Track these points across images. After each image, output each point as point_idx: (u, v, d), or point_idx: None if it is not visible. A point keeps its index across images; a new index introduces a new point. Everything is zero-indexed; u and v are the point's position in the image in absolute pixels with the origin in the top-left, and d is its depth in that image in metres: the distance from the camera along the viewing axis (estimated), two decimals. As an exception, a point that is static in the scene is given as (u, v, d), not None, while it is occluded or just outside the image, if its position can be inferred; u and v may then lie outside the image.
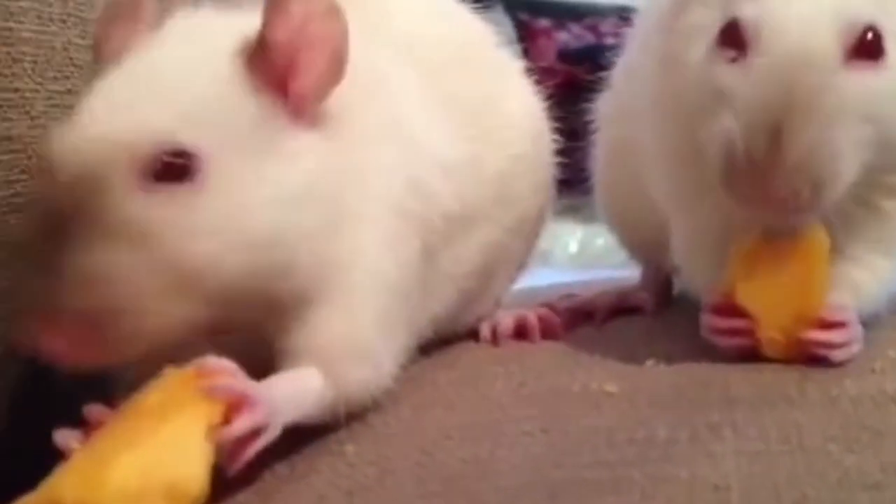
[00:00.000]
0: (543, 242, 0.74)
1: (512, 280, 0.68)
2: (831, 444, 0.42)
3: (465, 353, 0.61)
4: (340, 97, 0.48)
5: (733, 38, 0.49)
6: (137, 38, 0.48)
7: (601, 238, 1.44)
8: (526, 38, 1.91)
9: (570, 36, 1.96)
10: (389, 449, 0.46)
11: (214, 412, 0.40)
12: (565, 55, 1.91)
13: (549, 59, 1.92)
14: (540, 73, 0.68)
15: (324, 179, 0.47)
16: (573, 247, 1.67)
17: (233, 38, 0.46)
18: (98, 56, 0.49)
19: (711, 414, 0.46)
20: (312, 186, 0.46)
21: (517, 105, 0.64)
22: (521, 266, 0.68)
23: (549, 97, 0.68)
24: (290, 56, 0.46)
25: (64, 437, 0.42)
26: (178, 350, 0.43)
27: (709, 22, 0.51)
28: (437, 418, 0.50)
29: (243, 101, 0.45)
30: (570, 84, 0.80)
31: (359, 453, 0.46)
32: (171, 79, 0.45)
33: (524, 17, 1.94)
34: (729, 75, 0.49)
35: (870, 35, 0.48)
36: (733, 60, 0.49)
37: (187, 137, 0.43)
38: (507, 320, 0.65)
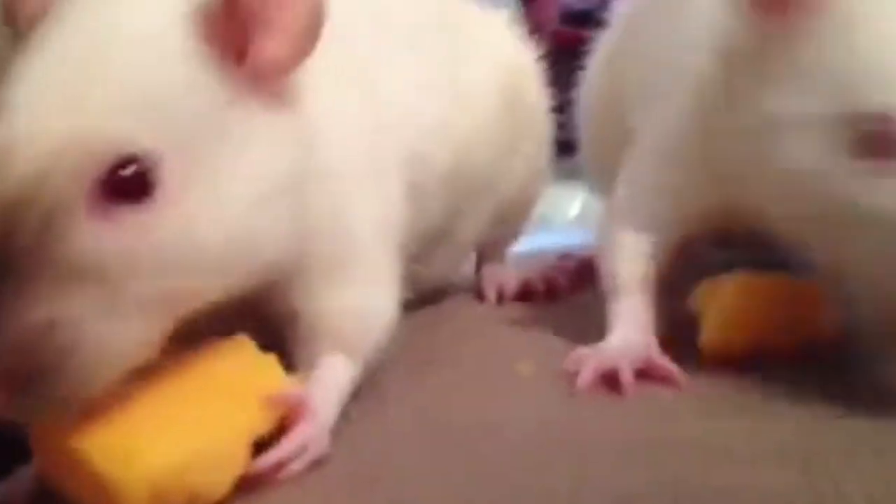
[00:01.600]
0: (543, 207, 0.74)
1: (482, 239, 0.67)
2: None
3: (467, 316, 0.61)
4: None
5: (882, 143, 0.40)
6: None
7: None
8: (527, 1, 1.89)
9: (574, -4, 1.95)
10: (392, 406, 0.46)
11: (267, 418, 0.40)
12: (567, 17, 1.89)
13: (552, 21, 1.90)
14: (542, 36, 0.68)
15: (296, 158, 0.41)
16: (574, 210, 1.66)
17: None
18: (10, 19, 0.40)
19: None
20: (286, 172, 0.40)
21: (486, 77, 0.62)
22: (492, 229, 0.67)
23: (551, 60, 0.67)
24: (257, 17, 0.38)
25: None
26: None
27: (806, 113, 0.42)
28: (439, 375, 0.50)
29: (204, 82, 0.38)
30: (573, 46, 0.79)
31: (362, 411, 0.45)
32: (118, 64, 0.36)
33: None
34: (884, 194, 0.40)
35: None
36: (880, 172, 0.40)
37: (147, 142, 0.36)
38: (511, 282, 0.65)
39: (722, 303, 0.49)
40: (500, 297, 0.65)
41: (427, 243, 0.57)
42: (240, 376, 0.40)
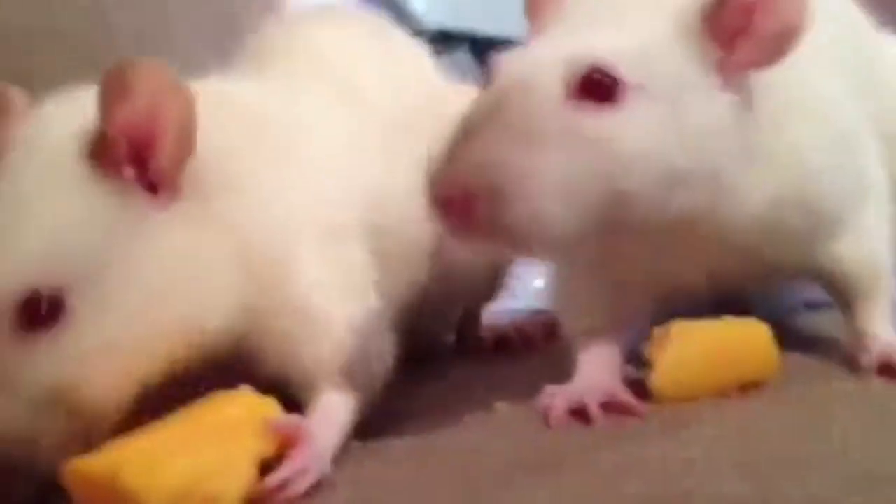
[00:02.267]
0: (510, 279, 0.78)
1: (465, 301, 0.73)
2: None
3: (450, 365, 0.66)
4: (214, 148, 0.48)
5: None
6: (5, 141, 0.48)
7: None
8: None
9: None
10: (388, 442, 0.51)
11: (269, 444, 0.45)
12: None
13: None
14: None
15: (200, 245, 0.47)
16: (538, 282, 1.71)
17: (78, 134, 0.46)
18: None
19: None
20: (188, 259, 0.47)
21: None
22: (474, 291, 0.72)
23: None
24: (137, 138, 0.46)
25: None
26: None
27: None
28: (428, 415, 0.55)
29: (96, 213, 0.45)
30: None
31: (363, 447, 0.51)
32: (20, 218, 0.45)
33: (486, 57, 2.00)
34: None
35: (596, 76, 0.48)
36: None
37: (51, 280, 0.44)
38: (488, 335, 0.71)
39: (669, 349, 0.52)
40: (478, 349, 0.70)
41: (421, 308, 0.62)
42: (242, 411, 0.46)
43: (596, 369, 0.55)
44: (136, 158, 0.46)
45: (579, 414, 0.51)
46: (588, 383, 0.53)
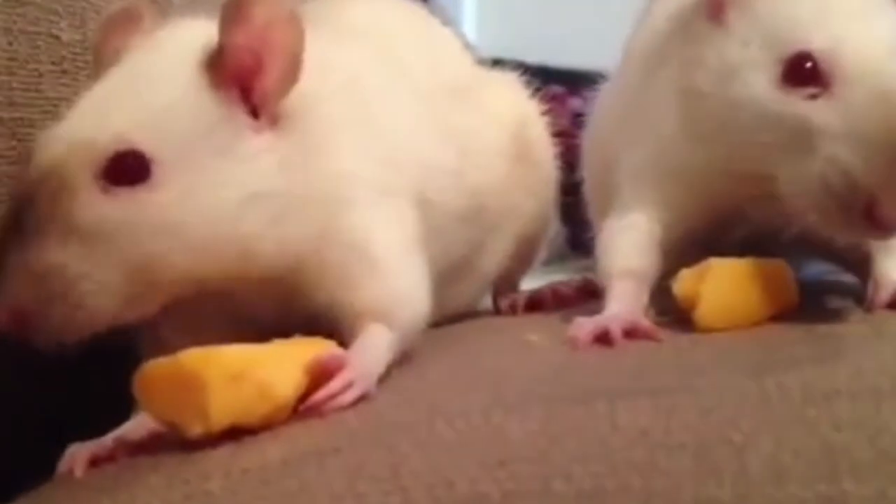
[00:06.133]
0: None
1: (498, 271, 0.76)
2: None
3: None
4: (310, 94, 0.52)
5: (807, 73, 0.54)
6: (132, 46, 0.52)
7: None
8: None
9: (583, 101, 2.06)
10: (427, 366, 0.56)
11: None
12: (579, 120, 2.00)
13: (564, 123, 2.01)
14: (556, 137, 0.78)
15: (283, 175, 0.51)
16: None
17: (201, 45, 0.50)
18: (97, 60, 0.54)
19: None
20: (270, 183, 0.50)
21: (495, 134, 0.72)
22: (507, 262, 0.76)
23: (566, 159, 0.79)
24: (249, 60, 0.50)
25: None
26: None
27: (751, 58, 0.56)
28: (465, 345, 0.61)
29: (201, 105, 0.49)
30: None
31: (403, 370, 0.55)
32: (134, 86, 0.50)
33: (537, 83, 2.05)
34: (819, 111, 0.53)
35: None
36: (814, 97, 0.54)
37: (142, 140, 0.47)
38: (523, 295, 0.75)
39: (712, 282, 0.56)
40: (514, 310, 0.74)
41: (451, 274, 0.66)
42: (295, 340, 0.50)
43: (623, 304, 0.59)
44: (244, 81, 0.50)
45: (603, 339, 0.55)
46: (614, 313, 0.57)
